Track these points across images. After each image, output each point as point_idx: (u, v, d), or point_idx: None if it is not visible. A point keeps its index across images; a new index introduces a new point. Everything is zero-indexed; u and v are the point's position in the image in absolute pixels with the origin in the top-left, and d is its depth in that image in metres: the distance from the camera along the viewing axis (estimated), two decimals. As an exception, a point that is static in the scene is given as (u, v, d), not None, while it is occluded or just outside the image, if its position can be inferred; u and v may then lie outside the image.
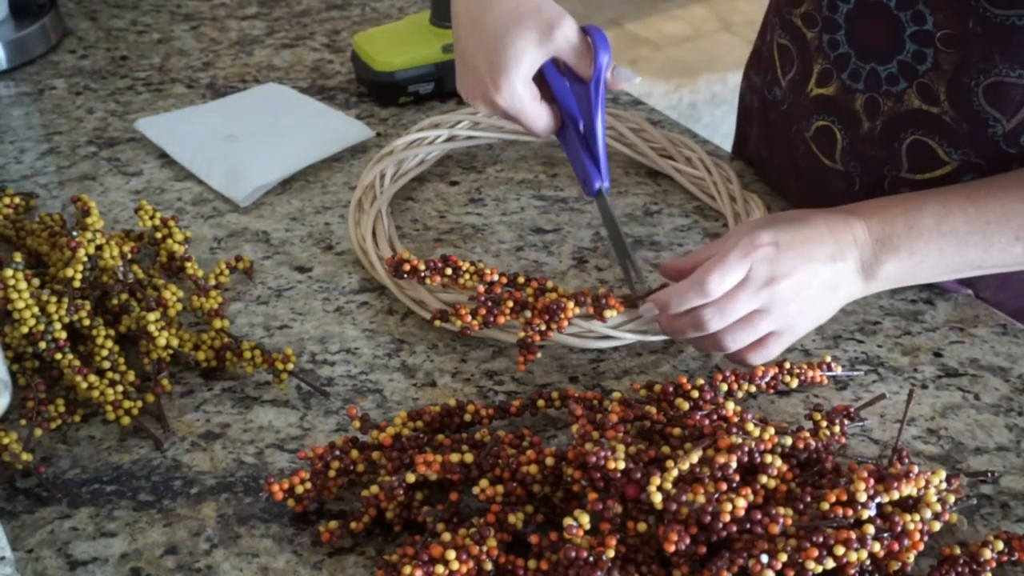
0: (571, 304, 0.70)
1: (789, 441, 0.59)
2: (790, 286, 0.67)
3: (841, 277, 0.69)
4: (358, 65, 1.05)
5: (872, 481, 0.55)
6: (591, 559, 0.54)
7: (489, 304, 0.71)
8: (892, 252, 0.69)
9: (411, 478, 0.59)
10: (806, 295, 0.68)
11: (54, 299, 0.69)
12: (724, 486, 0.55)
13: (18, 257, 0.70)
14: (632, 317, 0.73)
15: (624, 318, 0.72)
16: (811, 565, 0.53)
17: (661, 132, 0.95)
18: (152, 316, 0.70)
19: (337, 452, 0.62)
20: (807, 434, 0.60)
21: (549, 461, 0.59)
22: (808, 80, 0.82)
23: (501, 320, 0.71)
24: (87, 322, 0.70)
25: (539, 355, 0.70)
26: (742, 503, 0.54)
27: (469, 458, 0.60)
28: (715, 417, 0.62)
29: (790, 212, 0.72)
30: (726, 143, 1.03)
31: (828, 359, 0.71)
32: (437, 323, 0.73)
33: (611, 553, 0.54)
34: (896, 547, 0.55)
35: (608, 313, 0.70)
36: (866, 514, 0.55)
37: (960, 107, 0.73)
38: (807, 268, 0.67)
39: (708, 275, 0.66)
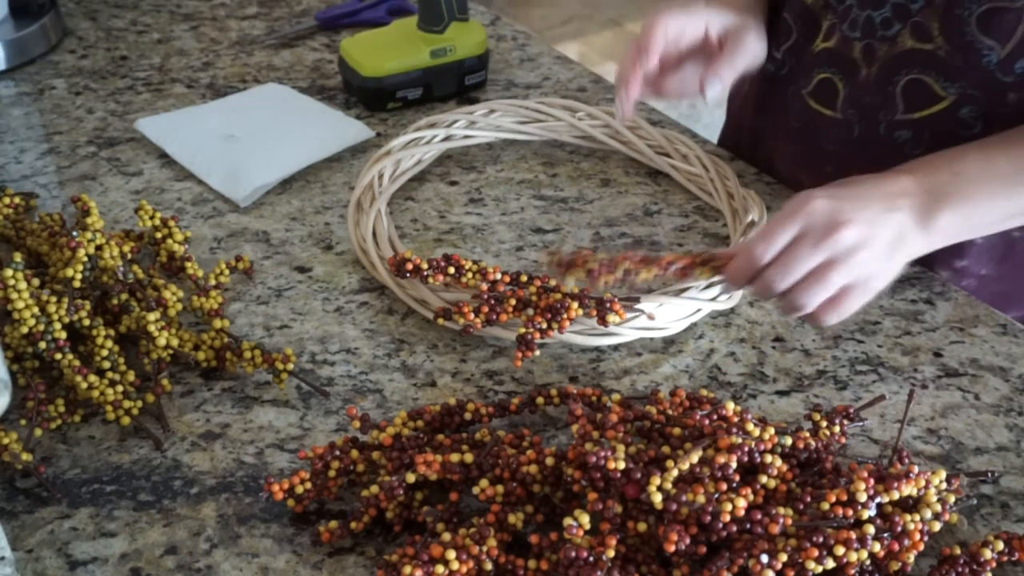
0: (575, 305, 0.70)
1: (789, 441, 0.59)
2: (853, 233, 0.65)
3: (902, 227, 0.67)
4: (346, 71, 1.04)
5: (872, 481, 0.55)
6: (591, 559, 0.54)
7: (492, 302, 0.71)
8: (943, 200, 0.68)
9: (411, 478, 0.59)
10: (872, 243, 0.66)
11: (54, 299, 0.69)
12: (724, 486, 0.55)
13: (18, 257, 0.70)
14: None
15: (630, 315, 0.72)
16: (811, 565, 0.53)
17: (657, 130, 0.95)
18: (152, 316, 0.70)
19: (337, 452, 0.62)
20: (807, 434, 0.60)
21: (549, 461, 0.59)
22: (813, 39, 0.85)
23: (504, 318, 0.71)
24: (87, 322, 0.70)
25: (537, 353, 0.70)
26: (742, 503, 0.54)
27: (469, 458, 0.60)
28: (715, 417, 0.62)
29: (836, 181, 0.70)
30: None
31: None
32: (440, 321, 0.73)
33: (611, 553, 0.54)
34: (896, 547, 0.55)
35: (611, 318, 0.70)
36: (866, 514, 0.55)
37: (953, 39, 0.75)
38: (865, 216, 0.66)
39: (754, 240, 0.67)
